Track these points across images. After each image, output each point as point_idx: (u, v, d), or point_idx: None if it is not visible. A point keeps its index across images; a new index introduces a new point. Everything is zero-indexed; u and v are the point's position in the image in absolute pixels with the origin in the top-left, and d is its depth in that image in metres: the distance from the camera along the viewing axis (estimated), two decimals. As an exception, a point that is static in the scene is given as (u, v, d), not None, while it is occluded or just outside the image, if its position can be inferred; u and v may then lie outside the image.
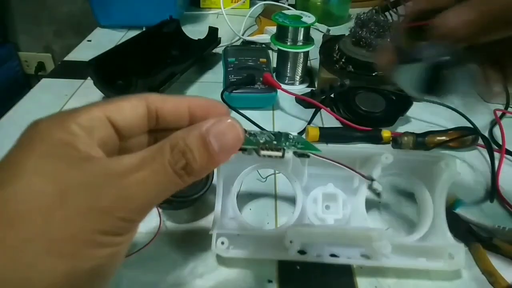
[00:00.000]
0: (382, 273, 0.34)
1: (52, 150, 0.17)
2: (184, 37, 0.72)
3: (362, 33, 0.57)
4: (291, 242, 0.32)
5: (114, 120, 0.20)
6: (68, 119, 0.18)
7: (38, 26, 1.42)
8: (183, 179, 0.18)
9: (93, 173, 0.17)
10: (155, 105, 0.21)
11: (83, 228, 0.16)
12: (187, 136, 0.18)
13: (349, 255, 0.33)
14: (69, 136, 0.17)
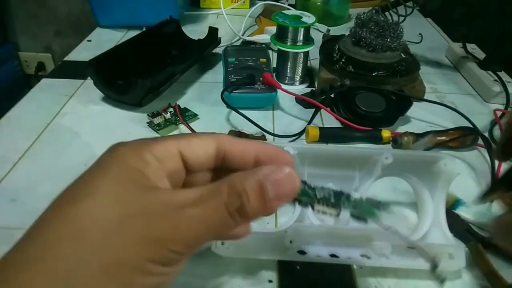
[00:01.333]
0: (382, 274, 0.34)
1: (125, 175, 0.18)
2: (184, 37, 0.72)
3: (362, 33, 0.57)
4: (291, 242, 0.32)
5: (185, 155, 0.21)
6: (144, 147, 0.20)
7: (38, 26, 1.42)
8: (235, 220, 0.19)
9: (154, 202, 0.18)
10: (224, 147, 0.22)
11: (136, 255, 0.17)
12: (245, 179, 0.19)
13: (349, 255, 0.33)
14: (142, 164, 0.19)
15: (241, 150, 0.22)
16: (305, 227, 0.34)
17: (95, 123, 0.52)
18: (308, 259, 0.33)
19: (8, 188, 0.41)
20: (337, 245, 0.34)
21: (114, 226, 0.17)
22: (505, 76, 0.63)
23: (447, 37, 0.87)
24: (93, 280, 0.16)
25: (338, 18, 0.89)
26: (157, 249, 0.17)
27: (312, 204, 0.21)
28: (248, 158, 0.22)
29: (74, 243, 0.16)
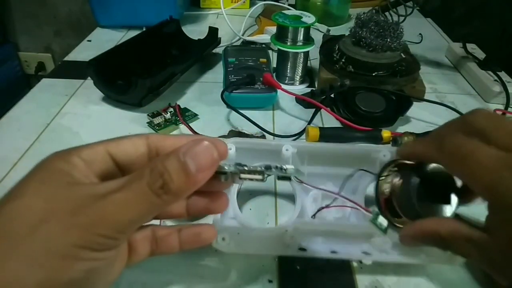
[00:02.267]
0: (382, 273, 0.34)
1: (50, 177, 0.20)
2: (184, 37, 0.72)
3: (362, 33, 0.57)
4: (291, 238, 0.32)
5: (115, 156, 0.22)
6: (71, 152, 0.21)
7: (38, 26, 1.42)
8: (162, 198, 0.19)
9: (78, 195, 0.19)
10: (155, 144, 0.23)
11: (63, 242, 0.18)
12: (165, 159, 0.20)
13: (349, 252, 0.34)
14: (68, 166, 0.20)
15: (172, 144, 0.23)
16: (305, 224, 0.34)
17: (95, 123, 0.52)
18: (308, 255, 0.33)
19: (8, 188, 0.41)
20: (338, 242, 0.34)
21: (39, 219, 0.18)
22: (505, 76, 0.63)
23: (447, 37, 0.87)
24: (21, 269, 0.17)
25: (338, 18, 0.89)
26: (84, 235, 0.18)
27: (237, 174, 0.22)
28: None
29: (4, 240, 0.18)
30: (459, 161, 0.22)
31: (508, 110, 0.58)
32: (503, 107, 0.59)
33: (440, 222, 0.24)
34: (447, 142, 0.23)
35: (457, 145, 0.23)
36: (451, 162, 0.23)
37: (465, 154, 0.22)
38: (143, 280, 0.32)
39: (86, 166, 0.21)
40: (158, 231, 0.26)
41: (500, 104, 0.60)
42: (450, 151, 0.23)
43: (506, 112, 0.56)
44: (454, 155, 0.23)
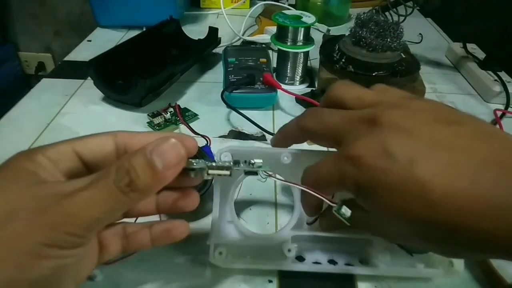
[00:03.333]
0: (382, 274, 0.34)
1: (14, 176, 0.20)
2: (184, 37, 0.72)
3: (362, 33, 0.57)
4: (289, 251, 0.32)
5: (81, 154, 0.22)
6: (36, 151, 0.21)
7: (38, 26, 1.42)
8: (128, 196, 0.19)
9: (44, 193, 0.19)
10: (123, 141, 0.23)
11: (27, 240, 0.18)
12: (132, 156, 0.20)
13: (347, 261, 0.33)
14: (33, 165, 0.20)
15: (140, 141, 0.23)
16: (302, 233, 0.33)
17: (95, 123, 0.52)
18: (306, 268, 0.33)
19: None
20: (336, 250, 0.34)
21: (4, 219, 0.18)
22: (505, 76, 0.63)
23: (447, 37, 0.87)
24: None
25: (338, 18, 0.89)
26: (50, 233, 0.18)
27: (205, 170, 0.22)
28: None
29: None
30: (319, 123, 0.26)
31: (508, 110, 0.58)
32: (503, 107, 0.59)
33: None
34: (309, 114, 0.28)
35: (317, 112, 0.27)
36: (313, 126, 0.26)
37: (321, 116, 0.26)
38: (143, 281, 0.32)
39: (52, 165, 0.21)
40: (129, 228, 0.26)
41: (500, 104, 0.60)
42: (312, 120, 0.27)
43: (506, 112, 0.56)
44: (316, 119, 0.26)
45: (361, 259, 0.33)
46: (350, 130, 0.23)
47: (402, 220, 0.20)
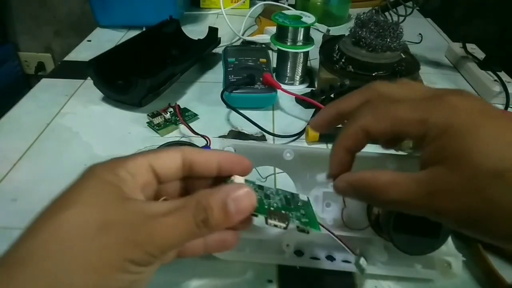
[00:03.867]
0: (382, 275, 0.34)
1: (102, 189, 0.21)
2: (184, 37, 0.72)
3: (362, 33, 0.57)
4: (287, 246, 0.32)
5: (155, 168, 0.24)
6: (118, 165, 0.23)
7: (38, 26, 1.42)
8: (201, 230, 0.21)
9: (132, 211, 0.21)
10: (190, 157, 0.25)
11: (116, 254, 0.19)
12: (210, 196, 0.22)
13: (345, 257, 0.33)
14: (118, 179, 0.22)
15: (205, 158, 0.25)
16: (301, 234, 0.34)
17: (95, 123, 0.52)
18: (304, 262, 0.33)
19: (8, 188, 0.41)
20: (335, 246, 0.33)
21: (95, 231, 0.19)
22: (505, 76, 0.63)
23: (447, 37, 0.87)
24: (76, 275, 0.19)
25: (338, 18, 0.89)
26: (134, 251, 0.20)
27: (266, 219, 0.24)
28: (212, 165, 0.25)
29: (57, 245, 0.19)
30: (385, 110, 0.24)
31: (508, 110, 0.58)
32: (503, 107, 0.59)
33: (374, 172, 0.24)
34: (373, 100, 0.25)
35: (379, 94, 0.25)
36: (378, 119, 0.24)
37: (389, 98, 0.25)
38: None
39: (132, 179, 0.22)
40: None
41: (500, 104, 0.60)
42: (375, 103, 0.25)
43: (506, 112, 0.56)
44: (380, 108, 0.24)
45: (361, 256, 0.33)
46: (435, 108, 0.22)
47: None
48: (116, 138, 0.49)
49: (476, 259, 0.35)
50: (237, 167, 0.26)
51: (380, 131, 0.24)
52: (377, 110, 0.24)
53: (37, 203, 0.21)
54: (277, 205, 0.26)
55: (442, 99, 0.22)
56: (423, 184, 0.22)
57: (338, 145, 0.26)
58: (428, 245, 0.29)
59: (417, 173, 0.22)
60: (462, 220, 0.21)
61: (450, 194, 0.21)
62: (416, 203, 0.22)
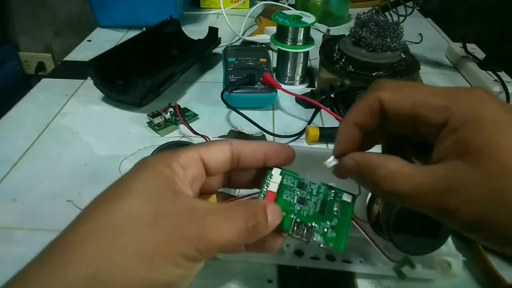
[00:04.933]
0: (382, 275, 0.34)
1: (155, 181, 0.21)
2: (184, 37, 0.72)
3: (362, 33, 0.57)
4: (288, 246, 0.32)
5: (206, 161, 0.24)
6: (171, 158, 0.23)
7: (38, 26, 1.42)
8: (250, 235, 0.22)
9: (185, 207, 0.21)
10: (237, 149, 0.25)
11: (169, 248, 0.19)
12: (258, 206, 0.23)
13: (346, 257, 0.33)
14: (170, 172, 0.22)
15: (253, 150, 0.25)
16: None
17: (95, 123, 0.52)
18: (303, 263, 0.33)
19: (8, 188, 0.41)
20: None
21: (149, 222, 0.19)
22: (505, 76, 0.63)
23: (447, 37, 0.87)
24: (131, 264, 0.19)
25: (338, 18, 0.89)
26: (187, 246, 0.20)
27: (289, 234, 0.24)
28: (259, 156, 0.26)
29: (111, 233, 0.19)
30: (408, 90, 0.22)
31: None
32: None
33: (385, 158, 0.22)
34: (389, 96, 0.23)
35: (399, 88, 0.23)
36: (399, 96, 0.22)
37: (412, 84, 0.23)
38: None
39: (183, 172, 0.23)
40: None
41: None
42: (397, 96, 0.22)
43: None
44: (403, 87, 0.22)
45: (360, 256, 0.33)
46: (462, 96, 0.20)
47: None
48: (116, 138, 0.49)
49: (476, 259, 0.35)
50: (281, 156, 0.26)
51: (398, 108, 0.22)
52: (400, 86, 0.22)
53: (37, 203, 0.21)
54: (308, 213, 0.25)
55: (469, 90, 0.21)
56: (439, 179, 0.19)
57: (348, 118, 0.24)
58: (428, 245, 0.29)
59: (432, 166, 0.20)
60: (474, 223, 0.19)
61: (469, 193, 0.19)
62: (427, 198, 0.20)
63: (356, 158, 0.23)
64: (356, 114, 0.24)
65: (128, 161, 0.44)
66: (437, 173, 0.20)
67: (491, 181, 0.18)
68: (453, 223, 0.20)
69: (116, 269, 0.18)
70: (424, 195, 0.20)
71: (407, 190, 0.20)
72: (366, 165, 0.22)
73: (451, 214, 0.19)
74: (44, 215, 0.37)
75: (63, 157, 0.46)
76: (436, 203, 0.20)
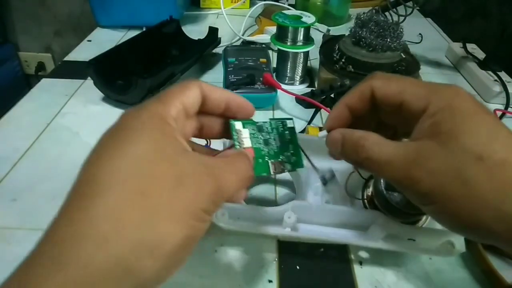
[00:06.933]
0: (382, 273, 0.34)
1: (163, 140, 0.21)
2: (184, 37, 0.72)
3: (362, 33, 0.57)
4: (289, 218, 0.32)
5: (185, 106, 0.25)
6: (164, 111, 0.23)
7: (38, 26, 1.42)
8: (249, 181, 0.25)
9: (197, 164, 0.22)
10: (205, 92, 0.26)
11: (195, 204, 0.20)
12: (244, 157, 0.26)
13: (344, 236, 0.34)
14: (171, 129, 0.22)
15: (217, 96, 0.27)
16: (303, 205, 0.34)
17: (95, 123, 0.52)
18: (302, 233, 0.33)
19: (8, 188, 0.41)
20: (334, 226, 0.34)
21: (172, 183, 0.20)
22: (505, 76, 0.63)
23: (447, 37, 0.87)
24: (170, 225, 0.19)
25: (338, 18, 0.89)
26: (207, 200, 0.21)
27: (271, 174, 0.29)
28: (221, 104, 0.27)
29: (141, 198, 0.19)
30: (397, 80, 0.26)
31: (508, 110, 0.58)
32: (503, 107, 0.59)
33: (366, 133, 0.25)
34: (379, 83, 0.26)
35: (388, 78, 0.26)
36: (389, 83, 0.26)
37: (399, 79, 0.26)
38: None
39: (177, 125, 0.23)
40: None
41: (500, 104, 0.60)
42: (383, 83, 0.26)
43: (506, 112, 0.56)
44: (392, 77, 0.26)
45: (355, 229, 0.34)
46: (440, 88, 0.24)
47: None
48: (116, 138, 0.49)
49: (476, 259, 0.35)
50: (242, 110, 0.29)
51: (387, 94, 0.25)
52: (390, 77, 0.26)
53: (37, 203, 0.21)
54: (274, 150, 0.29)
55: (447, 85, 0.25)
56: (409, 151, 0.23)
57: (341, 101, 0.28)
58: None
59: (406, 141, 0.24)
60: (432, 195, 0.22)
61: (432, 166, 0.22)
62: (396, 167, 0.23)
63: (342, 131, 0.27)
64: (349, 98, 0.27)
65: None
66: (408, 147, 0.23)
67: (452, 159, 0.21)
68: (414, 193, 0.23)
69: (163, 232, 0.19)
70: (394, 165, 0.23)
71: (380, 158, 0.24)
72: (349, 137, 0.26)
73: (413, 185, 0.22)
74: (44, 215, 0.37)
75: (63, 157, 0.46)
76: (403, 172, 0.23)
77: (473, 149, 0.21)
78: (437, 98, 0.23)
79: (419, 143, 0.23)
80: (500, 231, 0.21)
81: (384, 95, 0.26)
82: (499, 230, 0.21)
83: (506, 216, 0.21)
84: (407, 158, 0.23)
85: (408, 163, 0.23)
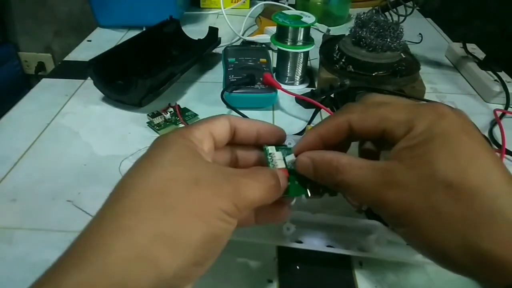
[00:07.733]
0: (382, 273, 0.34)
1: (183, 152, 0.23)
2: (184, 37, 0.72)
3: (362, 33, 0.57)
4: (288, 229, 0.32)
5: (214, 135, 0.26)
6: (187, 133, 0.24)
7: (38, 26, 1.42)
8: (273, 192, 0.25)
9: (217, 170, 0.23)
10: (234, 124, 0.27)
11: (213, 204, 0.21)
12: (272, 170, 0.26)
13: (345, 247, 0.34)
14: (193, 145, 0.24)
15: (247, 126, 0.28)
16: (303, 215, 0.34)
17: (95, 123, 0.52)
18: (305, 246, 0.33)
19: (8, 188, 0.41)
20: (334, 238, 0.34)
21: (189, 185, 0.21)
22: (505, 76, 0.63)
23: (447, 37, 0.87)
24: (189, 222, 0.20)
25: (338, 18, 0.89)
26: (226, 201, 0.22)
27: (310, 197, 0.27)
28: (252, 133, 0.28)
29: (160, 197, 0.20)
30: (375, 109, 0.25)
31: (508, 110, 0.58)
32: (503, 107, 0.59)
33: (338, 154, 0.25)
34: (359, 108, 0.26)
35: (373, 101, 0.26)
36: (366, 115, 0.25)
37: (381, 103, 0.26)
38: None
39: (201, 146, 0.25)
40: None
41: (500, 104, 0.60)
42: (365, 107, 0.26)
43: (506, 112, 0.56)
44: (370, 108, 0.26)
45: (360, 247, 0.33)
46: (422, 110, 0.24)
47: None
48: (116, 138, 0.49)
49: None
50: (273, 136, 0.29)
51: (366, 128, 0.25)
52: (367, 108, 0.26)
53: (37, 203, 0.21)
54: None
55: (431, 106, 0.24)
56: (378, 172, 0.23)
57: (316, 130, 0.27)
58: None
59: (377, 161, 0.24)
60: (402, 218, 0.22)
61: (400, 188, 0.22)
62: (367, 188, 0.23)
63: (310, 155, 0.26)
64: (323, 130, 0.27)
65: (128, 161, 0.44)
66: (378, 167, 0.23)
67: (419, 184, 0.21)
68: (385, 215, 0.23)
69: (181, 228, 0.20)
70: (366, 185, 0.23)
71: (353, 180, 0.24)
72: (320, 159, 0.25)
73: (384, 206, 0.22)
74: (44, 215, 0.37)
75: (63, 157, 0.46)
76: (374, 194, 0.23)
77: (444, 175, 0.21)
78: (419, 122, 0.23)
79: (387, 164, 0.23)
80: (469, 264, 0.20)
81: (363, 129, 0.25)
82: (467, 264, 0.20)
83: (473, 250, 0.20)
84: (377, 179, 0.23)
85: (378, 184, 0.22)
